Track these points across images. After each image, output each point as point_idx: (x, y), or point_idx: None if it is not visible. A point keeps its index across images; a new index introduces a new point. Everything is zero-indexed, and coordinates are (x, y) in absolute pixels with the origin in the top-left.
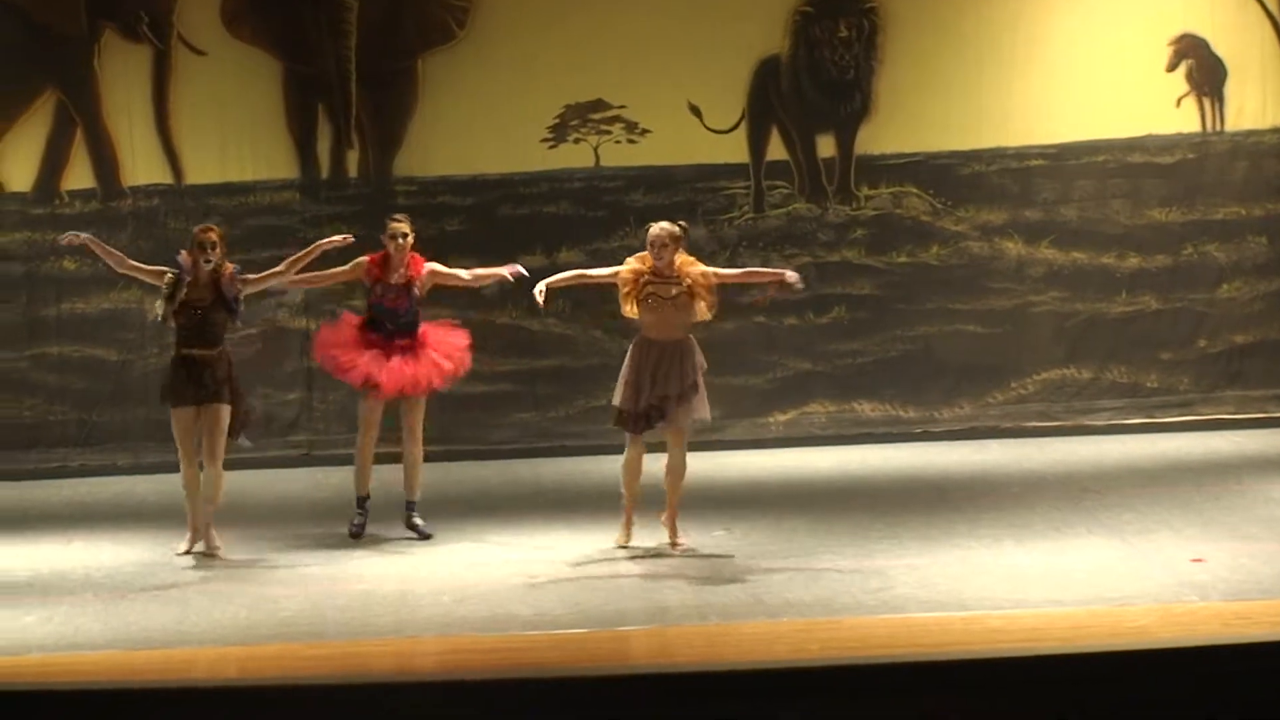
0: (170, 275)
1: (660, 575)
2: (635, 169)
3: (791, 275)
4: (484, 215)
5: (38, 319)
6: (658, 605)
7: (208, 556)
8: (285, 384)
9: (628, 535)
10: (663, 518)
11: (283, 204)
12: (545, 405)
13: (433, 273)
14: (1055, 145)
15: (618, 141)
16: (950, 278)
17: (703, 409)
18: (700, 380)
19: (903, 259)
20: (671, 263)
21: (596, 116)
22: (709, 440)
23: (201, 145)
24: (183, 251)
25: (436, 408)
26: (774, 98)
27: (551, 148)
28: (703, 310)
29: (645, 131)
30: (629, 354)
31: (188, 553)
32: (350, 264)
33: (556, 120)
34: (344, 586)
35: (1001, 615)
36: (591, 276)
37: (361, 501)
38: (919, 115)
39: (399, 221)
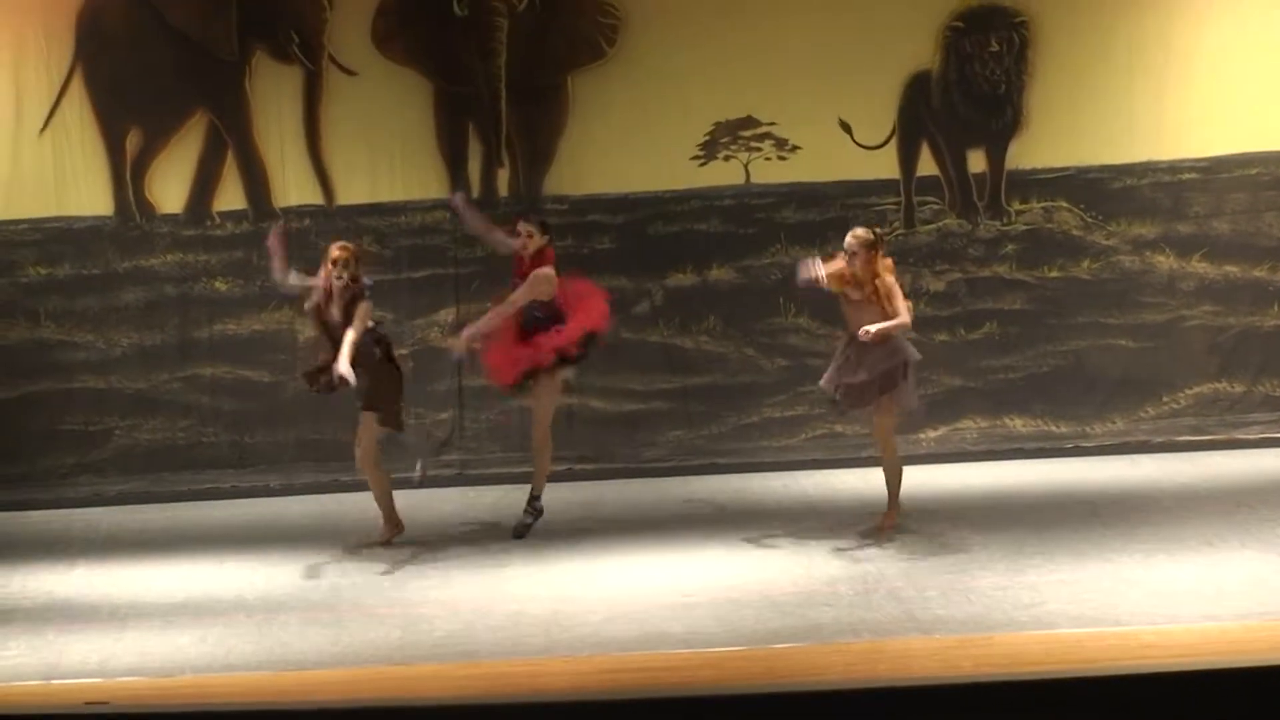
0: (308, 286)
1: (812, 592)
2: (785, 186)
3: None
4: (634, 233)
5: (190, 341)
6: (811, 623)
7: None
8: (437, 404)
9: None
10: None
11: (433, 224)
12: (697, 423)
13: (530, 281)
14: (1207, 158)
15: (768, 158)
16: (1102, 292)
17: (907, 398)
18: (903, 370)
19: (1054, 273)
20: (867, 265)
21: (746, 133)
22: (861, 457)
23: (352, 165)
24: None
25: (590, 425)
26: (924, 113)
27: (702, 165)
28: (898, 311)
29: (795, 148)
30: (839, 345)
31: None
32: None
33: (707, 137)
34: (496, 606)
35: (1155, 630)
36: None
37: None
38: (1070, 129)
39: (525, 221)
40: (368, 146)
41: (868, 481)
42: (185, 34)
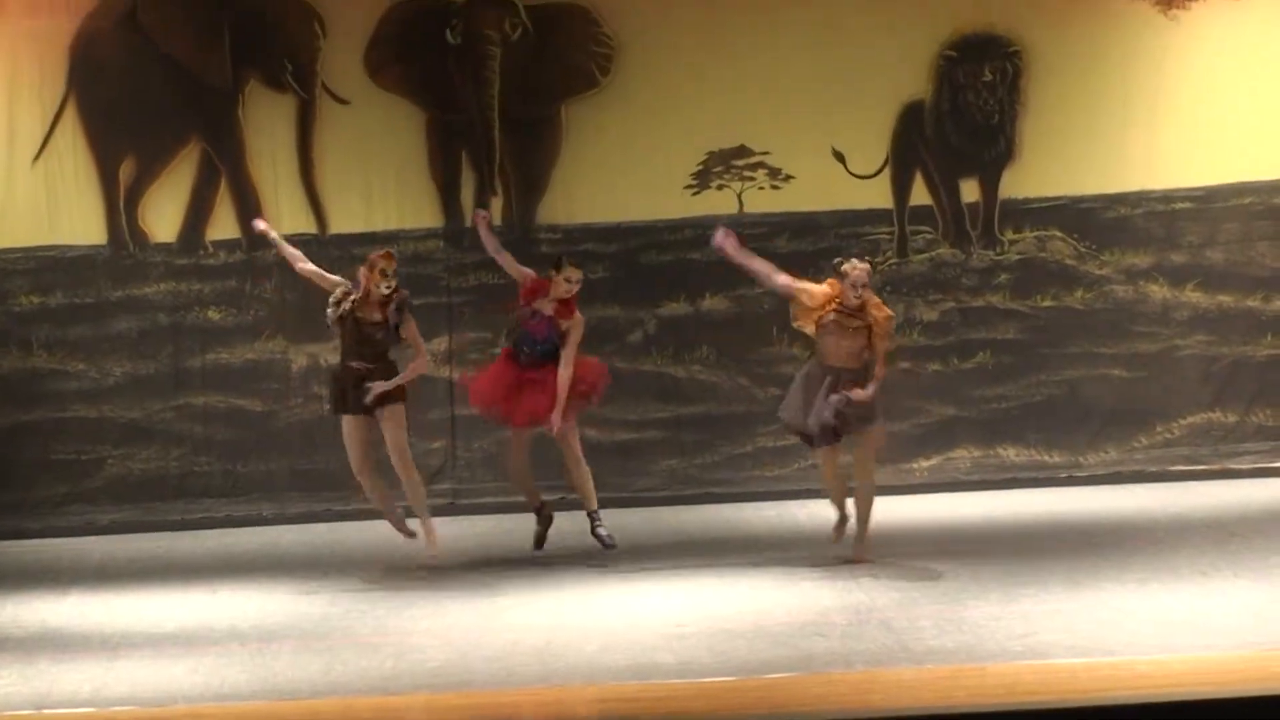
0: (342, 288)
1: (805, 622)
2: (779, 215)
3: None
4: (628, 262)
5: (183, 370)
6: (803, 653)
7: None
8: (430, 432)
9: (839, 534)
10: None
11: (426, 253)
12: (690, 452)
13: (574, 328)
14: (1201, 188)
15: (761, 188)
16: (1095, 321)
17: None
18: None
19: (1047, 303)
20: (866, 298)
21: (740, 163)
22: (854, 486)
23: (345, 194)
24: (361, 269)
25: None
26: (918, 142)
27: (695, 194)
28: (879, 349)
29: (789, 177)
30: (800, 376)
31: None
32: (525, 269)
33: (700, 166)
34: (490, 636)
35: (1148, 661)
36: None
37: (536, 509)
38: (1063, 159)
39: (576, 268)
40: (361, 175)
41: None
42: (179, 62)
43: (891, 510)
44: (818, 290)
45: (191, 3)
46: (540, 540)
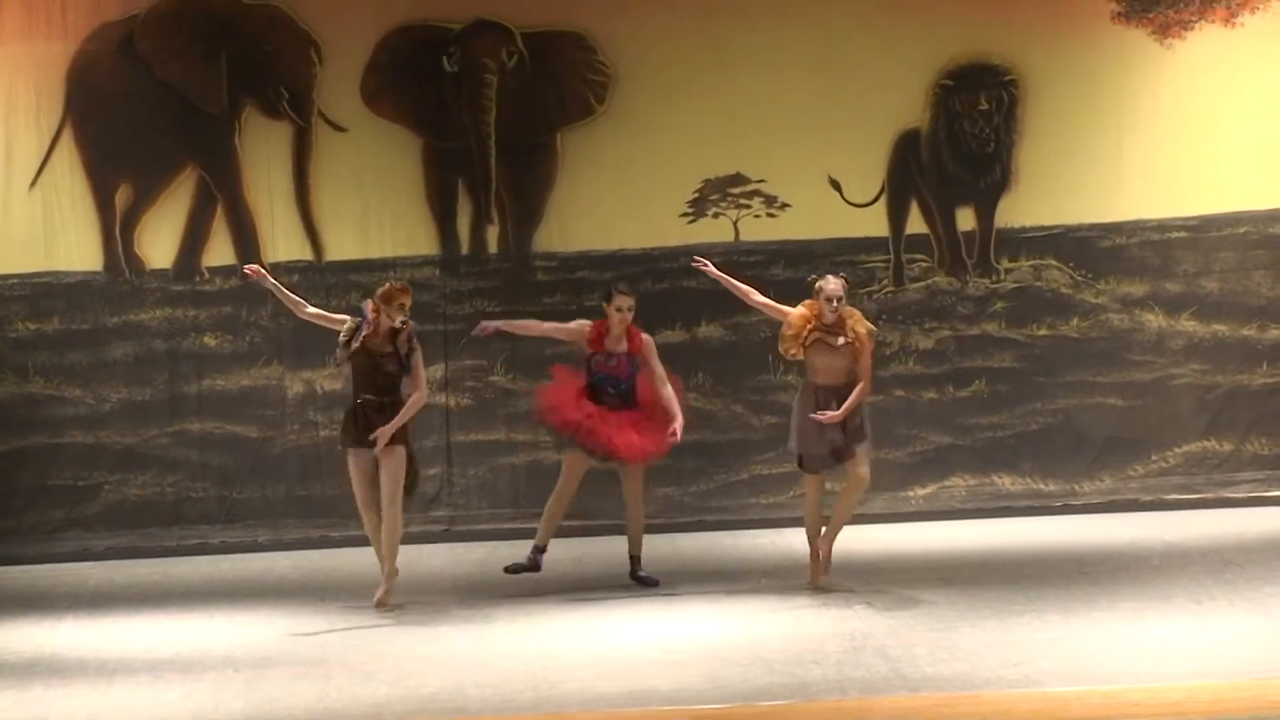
0: (351, 323)
1: (801, 650)
2: (775, 243)
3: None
4: None
5: (179, 396)
6: (798, 680)
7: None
8: (426, 459)
9: (815, 572)
10: (821, 540)
11: (423, 280)
12: (686, 480)
13: (648, 351)
14: (1196, 217)
15: (757, 215)
16: (1090, 350)
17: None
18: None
19: (1043, 331)
20: (841, 315)
21: (736, 191)
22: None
23: (342, 221)
24: (368, 301)
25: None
26: (914, 171)
27: (691, 222)
28: (864, 364)
29: (785, 205)
30: (797, 400)
31: (382, 603)
32: (573, 323)
33: (696, 194)
34: (484, 662)
35: (1143, 689)
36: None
37: (538, 549)
38: (1059, 187)
39: (625, 294)
40: (357, 202)
41: (858, 538)
42: (176, 89)
43: (887, 538)
44: (795, 313)
45: (189, 30)
46: (517, 569)
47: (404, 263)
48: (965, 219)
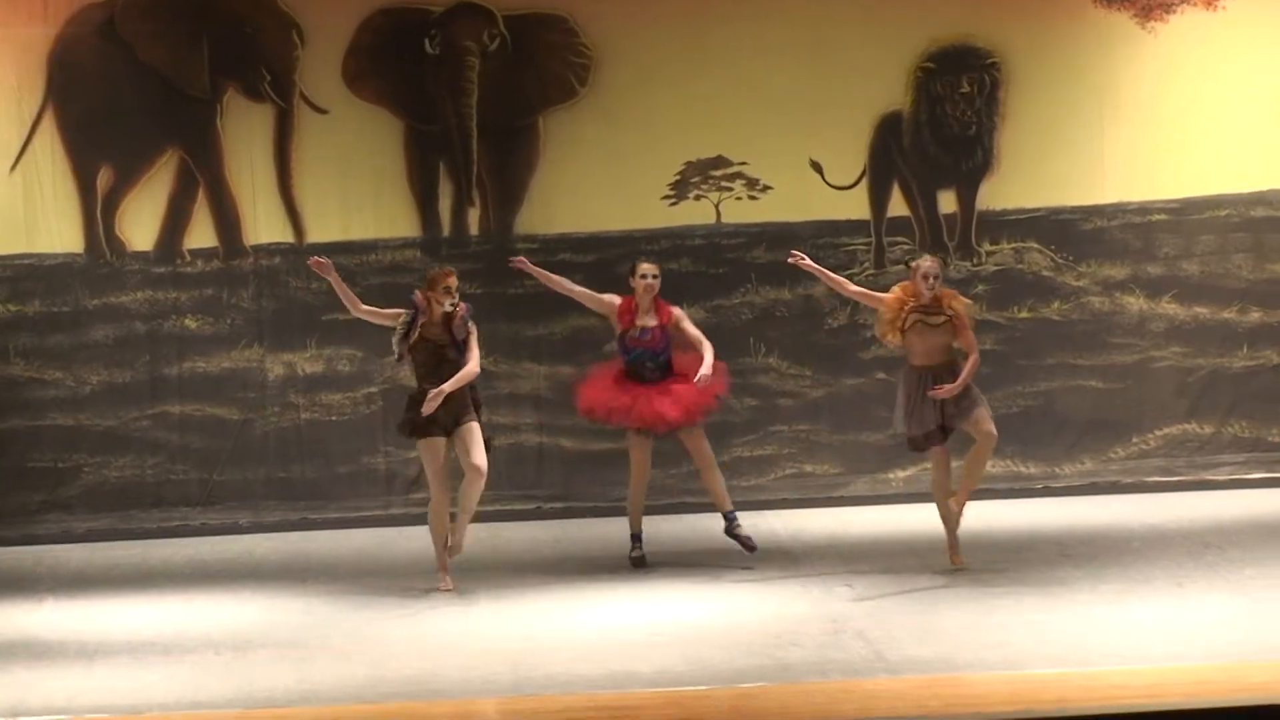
0: (405, 315)
1: (781, 632)
2: (756, 226)
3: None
4: (605, 272)
5: (160, 378)
6: (779, 662)
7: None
8: (407, 443)
9: (954, 551)
10: (952, 501)
11: (404, 262)
12: (667, 462)
13: (679, 320)
14: (1178, 200)
15: (739, 198)
16: (1071, 333)
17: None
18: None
19: (1024, 314)
20: (937, 294)
21: (718, 173)
22: (830, 496)
23: (323, 204)
24: (416, 291)
25: (559, 463)
26: (895, 154)
27: (673, 204)
28: (968, 339)
29: (766, 188)
30: (901, 383)
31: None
32: (605, 295)
33: (678, 177)
34: (464, 645)
35: (1123, 671)
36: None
37: (636, 537)
38: (1041, 170)
39: (648, 263)
40: (339, 184)
41: (839, 520)
42: (157, 71)
43: (867, 520)
44: (889, 298)
45: (171, 12)
46: (639, 562)
47: (385, 245)
48: (947, 202)
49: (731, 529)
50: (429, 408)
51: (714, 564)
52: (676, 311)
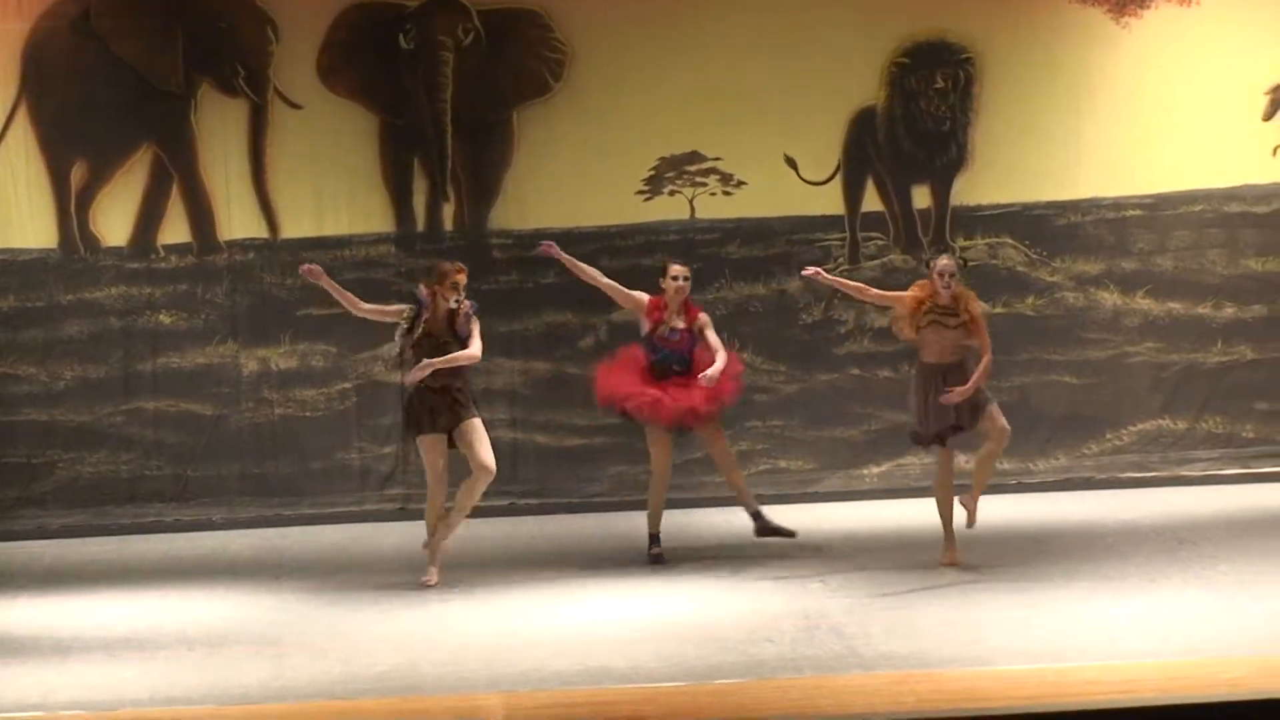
0: (408, 310)
1: (755, 628)
2: (731, 221)
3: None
4: None
5: (134, 374)
6: (753, 659)
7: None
8: (381, 438)
9: (950, 551)
10: (963, 499)
11: (378, 257)
12: (640, 458)
13: (704, 325)
14: (1152, 195)
15: (713, 193)
16: (1046, 328)
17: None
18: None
19: (998, 310)
20: (954, 294)
21: (692, 168)
22: (804, 493)
23: (297, 199)
24: (421, 285)
25: (534, 459)
26: (870, 149)
27: (647, 200)
28: (983, 341)
29: (741, 183)
30: (914, 381)
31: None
32: (635, 291)
33: (652, 172)
34: (439, 641)
35: (1097, 666)
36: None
37: (655, 537)
38: (1015, 166)
39: (679, 265)
40: (313, 180)
41: (813, 516)
42: (131, 66)
43: (841, 516)
44: (907, 295)
45: (145, 7)
46: (657, 559)
47: (360, 240)
48: (921, 197)
49: (764, 526)
50: (415, 376)
51: (688, 560)
52: (703, 316)
